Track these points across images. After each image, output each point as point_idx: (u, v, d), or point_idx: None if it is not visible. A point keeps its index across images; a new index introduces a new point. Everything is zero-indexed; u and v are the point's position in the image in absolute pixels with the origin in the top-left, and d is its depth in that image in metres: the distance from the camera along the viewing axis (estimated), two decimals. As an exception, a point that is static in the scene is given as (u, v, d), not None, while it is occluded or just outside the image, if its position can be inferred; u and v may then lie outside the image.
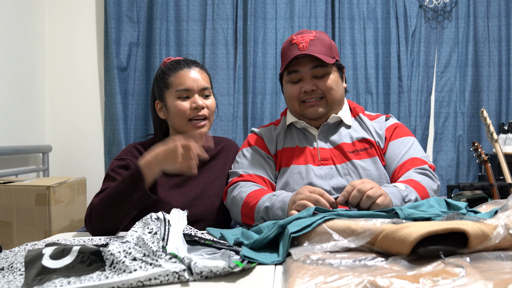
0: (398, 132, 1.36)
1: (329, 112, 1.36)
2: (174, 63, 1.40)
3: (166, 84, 1.38)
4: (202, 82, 1.37)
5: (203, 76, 1.39)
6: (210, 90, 1.40)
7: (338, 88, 1.36)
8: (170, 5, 2.98)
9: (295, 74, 1.34)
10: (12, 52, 2.65)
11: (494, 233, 0.79)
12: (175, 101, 1.35)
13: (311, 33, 1.34)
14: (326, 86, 1.33)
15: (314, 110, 1.34)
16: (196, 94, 1.36)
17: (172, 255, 0.79)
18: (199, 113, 1.35)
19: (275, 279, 0.79)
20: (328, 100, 1.34)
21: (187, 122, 1.36)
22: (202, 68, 1.42)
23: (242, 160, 1.39)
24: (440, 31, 3.04)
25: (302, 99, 1.35)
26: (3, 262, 0.87)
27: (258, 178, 1.32)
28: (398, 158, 1.29)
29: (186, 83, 1.35)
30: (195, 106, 1.34)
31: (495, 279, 0.64)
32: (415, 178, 1.20)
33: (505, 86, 3.04)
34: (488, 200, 2.21)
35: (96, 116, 3.07)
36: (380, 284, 0.65)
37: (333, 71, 1.35)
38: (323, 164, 1.31)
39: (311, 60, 1.32)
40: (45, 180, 1.94)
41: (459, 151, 3.02)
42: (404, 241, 0.76)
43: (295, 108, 1.38)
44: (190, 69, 1.37)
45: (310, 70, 1.32)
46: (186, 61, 1.41)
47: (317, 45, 1.31)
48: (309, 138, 1.38)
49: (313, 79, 1.33)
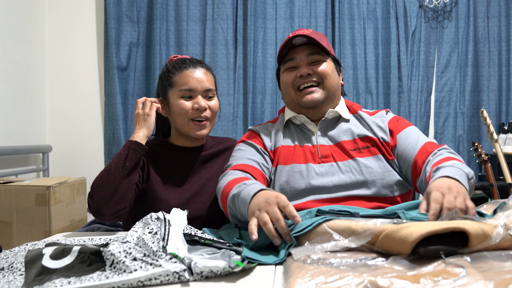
0: (401, 123, 1.36)
1: (325, 101, 1.35)
2: (179, 62, 1.39)
3: (170, 82, 1.37)
4: (206, 84, 1.36)
5: (208, 78, 1.38)
6: (214, 92, 1.39)
7: (334, 76, 1.37)
8: (170, 5, 2.98)
9: (291, 62, 1.36)
10: (12, 52, 2.65)
11: (494, 232, 0.79)
12: (177, 100, 1.35)
13: (308, 30, 1.37)
14: (322, 70, 1.34)
15: (310, 97, 1.33)
16: (200, 95, 1.35)
17: (172, 255, 0.79)
18: (201, 114, 1.35)
19: (275, 279, 0.79)
20: (325, 85, 1.34)
21: (188, 121, 1.35)
22: (208, 69, 1.41)
23: (236, 153, 1.38)
24: (440, 31, 3.04)
25: (297, 84, 1.35)
26: (3, 262, 0.87)
27: (249, 167, 1.30)
28: (413, 146, 1.28)
29: (190, 83, 1.34)
30: (197, 106, 1.33)
31: (495, 279, 0.64)
32: (452, 156, 1.22)
33: (505, 86, 3.04)
34: (488, 200, 2.21)
35: (96, 116, 3.07)
36: (380, 284, 0.65)
37: (329, 61, 1.37)
38: (323, 162, 1.30)
39: (307, 48, 1.34)
40: (45, 180, 1.94)
41: (459, 151, 3.02)
42: (405, 241, 0.76)
43: (291, 96, 1.37)
44: (195, 69, 1.36)
45: (306, 57, 1.34)
46: (192, 60, 1.40)
47: (313, 35, 1.34)
48: (308, 135, 1.37)
49: (309, 66, 1.35)
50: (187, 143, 1.43)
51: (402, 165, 1.29)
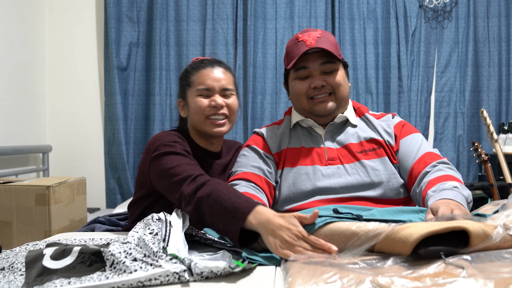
0: (406, 129, 1.36)
1: (338, 109, 1.36)
2: (198, 62, 1.40)
3: (188, 82, 1.38)
4: (224, 82, 1.35)
5: (226, 77, 1.37)
6: (233, 91, 1.38)
7: (346, 85, 1.37)
8: (170, 5, 2.98)
9: (304, 71, 1.34)
10: (12, 52, 2.65)
11: (495, 232, 0.79)
12: (195, 98, 1.35)
13: (317, 31, 1.35)
14: (336, 81, 1.33)
15: (323, 106, 1.33)
16: (217, 94, 1.34)
17: (172, 256, 0.79)
18: (218, 112, 1.34)
19: (275, 279, 0.79)
20: (337, 96, 1.34)
21: (205, 119, 1.34)
22: (227, 68, 1.40)
23: (240, 159, 1.38)
24: (440, 31, 3.04)
25: (310, 95, 1.34)
26: (4, 262, 0.87)
27: (254, 176, 1.31)
28: (413, 154, 1.29)
29: (207, 83, 1.34)
30: (214, 104, 1.33)
31: (495, 279, 0.64)
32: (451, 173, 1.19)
33: (505, 86, 3.04)
34: (488, 200, 2.21)
35: (96, 116, 3.07)
36: (381, 283, 0.65)
37: (340, 68, 1.36)
38: (330, 164, 1.30)
39: (320, 56, 1.32)
40: (45, 180, 1.94)
41: (459, 151, 3.02)
42: (405, 241, 0.76)
43: (303, 105, 1.37)
44: (213, 68, 1.36)
45: (319, 66, 1.32)
46: (210, 60, 1.40)
47: (325, 42, 1.31)
48: (315, 138, 1.37)
49: (322, 75, 1.33)
50: (207, 145, 1.41)
51: (400, 170, 1.30)
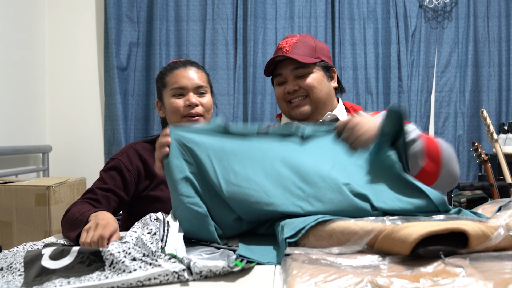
0: None
1: (316, 111, 1.37)
2: (172, 64, 1.44)
3: (163, 83, 1.42)
4: (197, 81, 1.39)
5: (199, 75, 1.41)
6: (207, 89, 1.42)
7: (322, 87, 1.37)
8: (170, 5, 2.98)
9: (279, 77, 1.39)
10: (12, 52, 2.65)
11: (495, 233, 0.79)
12: (170, 99, 1.38)
13: (295, 37, 1.39)
14: (307, 84, 1.35)
15: (298, 110, 1.36)
16: (191, 92, 1.37)
17: (171, 256, 0.79)
18: (192, 111, 1.37)
19: (275, 278, 0.78)
20: (312, 98, 1.36)
21: (181, 119, 1.37)
22: (199, 67, 1.44)
23: None
24: (440, 31, 3.04)
25: (287, 99, 1.38)
26: (2, 262, 0.87)
27: None
28: None
29: (181, 82, 1.37)
30: (188, 103, 1.36)
31: (495, 279, 0.64)
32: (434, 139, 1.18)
33: (505, 86, 3.04)
34: (488, 200, 2.21)
35: (96, 116, 3.07)
36: (380, 283, 0.65)
37: (315, 71, 1.37)
38: None
39: (292, 62, 1.35)
40: (45, 180, 1.94)
41: (459, 151, 3.02)
42: (404, 241, 0.76)
43: (283, 109, 1.42)
44: (185, 68, 1.40)
45: (291, 72, 1.36)
46: (183, 61, 1.44)
47: (300, 47, 1.35)
48: None
49: (296, 80, 1.36)
50: None
51: None
